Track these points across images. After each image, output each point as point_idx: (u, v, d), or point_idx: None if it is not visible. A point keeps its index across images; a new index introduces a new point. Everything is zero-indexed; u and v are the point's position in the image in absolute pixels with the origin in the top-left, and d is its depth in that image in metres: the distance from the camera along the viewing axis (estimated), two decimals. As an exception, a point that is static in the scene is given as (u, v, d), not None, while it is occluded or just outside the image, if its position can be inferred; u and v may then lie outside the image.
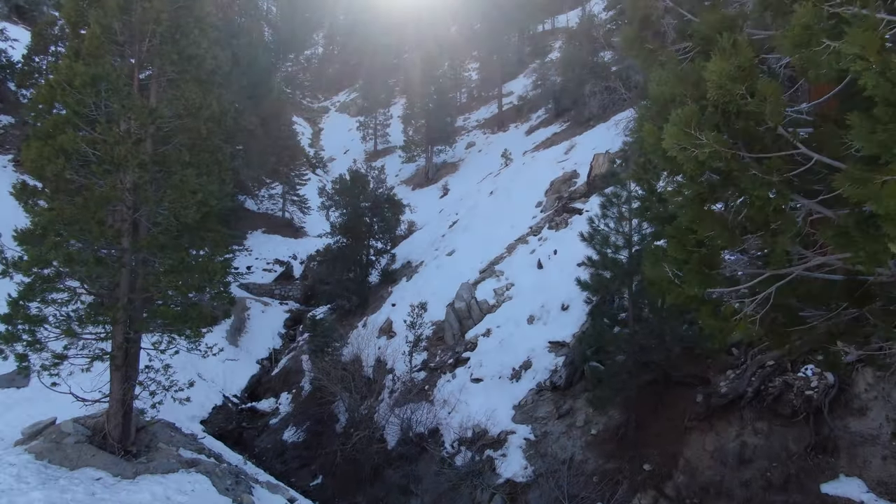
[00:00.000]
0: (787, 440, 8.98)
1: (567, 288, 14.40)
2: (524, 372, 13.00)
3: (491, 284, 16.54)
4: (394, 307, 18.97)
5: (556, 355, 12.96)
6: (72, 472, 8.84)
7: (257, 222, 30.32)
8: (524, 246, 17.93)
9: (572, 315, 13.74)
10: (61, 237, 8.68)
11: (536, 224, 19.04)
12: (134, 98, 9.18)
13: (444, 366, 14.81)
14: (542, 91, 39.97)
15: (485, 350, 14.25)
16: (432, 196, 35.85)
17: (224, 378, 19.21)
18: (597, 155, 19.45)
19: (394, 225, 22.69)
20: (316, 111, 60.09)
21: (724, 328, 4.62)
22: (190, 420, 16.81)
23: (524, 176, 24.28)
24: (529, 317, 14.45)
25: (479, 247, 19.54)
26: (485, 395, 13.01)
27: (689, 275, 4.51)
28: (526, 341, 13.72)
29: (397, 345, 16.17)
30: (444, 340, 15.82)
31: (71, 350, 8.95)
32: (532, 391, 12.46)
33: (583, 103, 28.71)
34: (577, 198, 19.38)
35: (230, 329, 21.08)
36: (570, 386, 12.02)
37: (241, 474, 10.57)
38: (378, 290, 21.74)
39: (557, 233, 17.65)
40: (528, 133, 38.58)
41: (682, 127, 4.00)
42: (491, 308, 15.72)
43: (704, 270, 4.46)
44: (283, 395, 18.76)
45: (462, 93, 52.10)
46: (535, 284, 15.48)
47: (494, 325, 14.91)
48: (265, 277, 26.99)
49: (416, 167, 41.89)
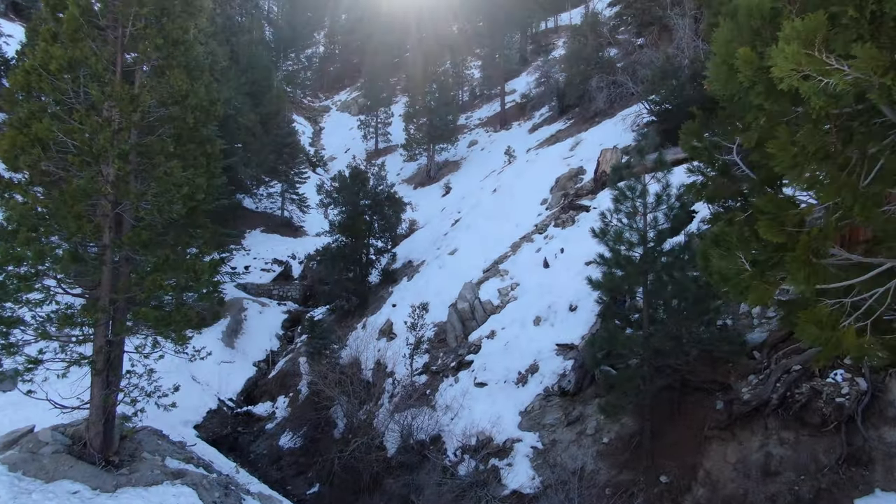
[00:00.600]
0: (816, 451, 8.32)
1: (575, 287, 13.78)
2: (531, 376, 12.37)
3: (495, 284, 15.91)
4: (394, 308, 18.36)
5: (564, 358, 12.32)
6: (47, 484, 8.24)
7: (256, 221, 29.75)
8: (529, 244, 17.30)
9: (581, 316, 13.10)
10: (36, 233, 8.09)
11: (542, 222, 18.40)
12: (115, 84, 8.59)
13: (446, 369, 14.18)
14: (546, 88, 39.36)
15: (489, 353, 13.62)
16: (434, 195, 35.26)
17: (219, 381, 18.61)
18: (604, 150, 18.83)
19: (394, 223, 22.07)
20: (317, 110, 59.58)
21: (832, 340, 3.46)
22: (183, 425, 16.21)
23: (528, 173, 23.65)
24: (536, 318, 13.81)
25: (482, 245, 18.92)
26: (489, 400, 12.37)
27: (794, 266, 3.33)
28: (532, 343, 13.09)
29: (397, 347, 15.55)
30: (447, 342, 15.20)
31: (47, 354, 8.34)
32: (539, 396, 11.82)
33: (588, 99, 28.07)
34: (583, 195, 18.75)
35: (226, 330, 20.49)
36: (580, 391, 11.38)
37: (230, 485, 9.96)
38: (378, 290, 21.13)
39: (564, 231, 17.02)
40: (531, 131, 38.01)
41: (803, 46, 2.84)
42: (495, 309, 15.09)
43: (812, 260, 3.31)
44: (279, 399, 18.16)
45: (464, 91, 51.57)
46: (542, 284, 14.84)
47: (499, 327, 14.28)
48: (263, 277, 26.41)
49: (417, 166, 41.35)
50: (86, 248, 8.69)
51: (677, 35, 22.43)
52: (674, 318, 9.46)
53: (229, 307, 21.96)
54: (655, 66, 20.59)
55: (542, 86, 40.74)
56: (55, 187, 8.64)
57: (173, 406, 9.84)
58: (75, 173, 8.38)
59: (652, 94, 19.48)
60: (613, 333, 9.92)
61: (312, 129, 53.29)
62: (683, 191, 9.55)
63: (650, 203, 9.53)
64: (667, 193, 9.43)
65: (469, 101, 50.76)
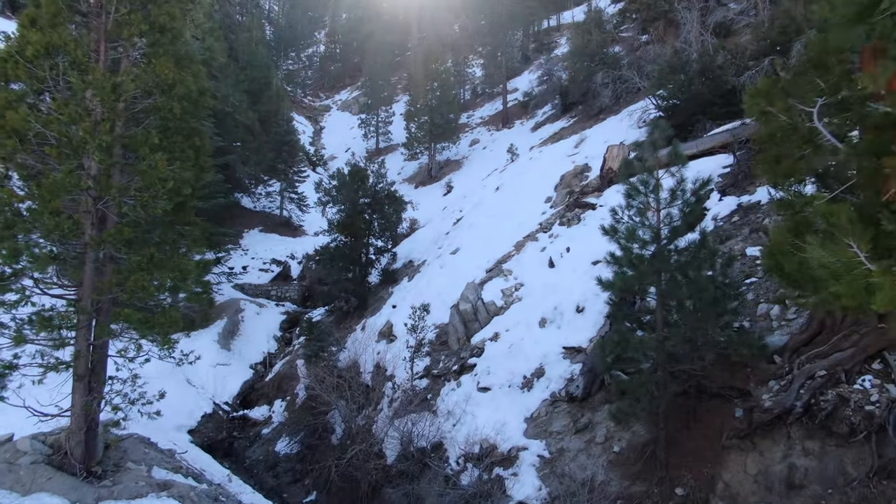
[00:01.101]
0: (843, 463, 7.78)
1: (582, 288, 13.26)
2: (536, 380, 11.83)
3: (499, 284, 15.37)
4: (394, 309, 17.83)
5: (571, 362, 11.78)
6: (24, 497, 7.74)
7: (254, 221, 29.26)
8: (534, 243, 16.76)
9: (588, 318, 12.56)
10: (11, 229, 7.59)
11: (546, 220, 17.87)
12: (96, 72, 8.08)
13: (448, 373, 13.65)
14: (549, 86, 38.87)
15: (493, 356, 13.09)
16: (435, 194, 34.76)
17: (215, 384, 18.12)
18: (611, 147, 18.29)
19: (395, 222, 21.54)
20: (317, 109, 59.13)
21: None
22: (177, 430, 15.74)
23: (532, 171, 23.13)
24: (541, 319, 13.28)
25: (485, 245, 18.40)
26: (493, 405, 11.84)
27: None
28: (538, 346, 12.55)
29: (398, 349, 15.03)
30: (448, 345, 14.66)
31: (23, 358, 7.84)
32: (546, 402, 11.28)
33: (593, 95, 27.55)
34: (589, 192, 18.22)
35: (222, 332, 20.00)
36: (589, 397, 10.84)
37: (220, 496, 9.43)
38: (378, 290, 20.60)
39: (569, 229, 16.48)
40: (533, 129, 37.56)
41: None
42: (499, 310, 14.56)
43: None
44: (276, 403, 17.66)
45: (465, 89, 51.08)
46: (547, 284, 14.31)
47: (503, 329, 13.75)
48: (261, 278, 25.92)
49: (418, 165, 40.86)
50: (67, 247, 8.18)
51: (684, 29, 21.89)
52: (689, 319, 8.92)
53: (226, 308, 21.47)
54: (663, 61, 20.05)
55: (545, 84, 40.27)
56: (33, 181, 8.13)
57: (157, 415, 9.33)
58: (53, 166, 7.88)
59: (660, 88, 18.94)
60: (625, 336, 9.38)
61: (313, 128, 52.84)
62: (699, 185, 9.07)
63: (664, 199, 9.00)
64: (682, 188, 8.90)
65: (471, 100, 50.31)
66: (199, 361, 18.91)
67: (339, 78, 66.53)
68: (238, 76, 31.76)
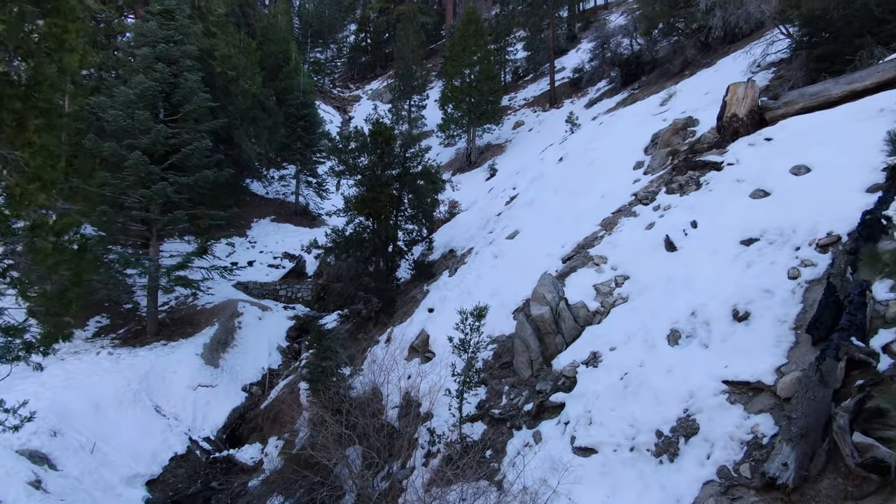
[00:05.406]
0: None
1: (735, 281, 8.13)
2: (684, 442, 6.70)
3: (588, 278, 10.30)
4: (431, 314, 12.99)
5: (746, 410, 6.61)
6: None
7: (266, 209, 25.03)
8: (631, 220, 11.63)
9: (760, 331, 7.36)
10: None
11: (645, 189, 12.68)
12: None
13: (517, 415, 8.66)
14: (606, 58, 33.74)
15: (593, 391, 8.03)
16: (477, 179, 29.95)
17: (193, 413, 13.66)
18: (733, 86, 12.96)
19: (431, 203, 16.69)
20: (347, 100, 55.42)
21: None
22: (128, 483, 11.27)
23: (606, 136, 17.94)
24: (671, 332, 8.15)
25: (555, 225, 13.37)
26: (606, 484, 6.78)
27: None
28: (673, 379, 7.44)
29: (437, 375, 10.12)
30: (515, 369, 9.67)
31: None
32: (712, 487, 6.14)
33: (675, 50, 22.10)
34: (703, 150, 12.94)
35: (210, 343, 15.56)
36: (807, 482, 5.65)
37: None
38: (409, 289, 15.76)
39: (685, 198, 11.28)
40: (587, 106, 32.67)
41: None
42: (592, 316, 9.48)
43: None
44: (271, 441, 13.03)
45: (507, 71, 46.18)
46: (669, 277, 9.18)
47: (604, 346, 8.68)
48: (271, 275, 21.54)
49: (455, 151, 36.28)
50: None
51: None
52: None
53: (218, 312, 17.08)
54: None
55: (597, 59, 35.27)
56: None
57: None
58: None
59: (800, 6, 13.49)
60: None
61: (342, 118, 49.11)
62: None
63: None
64: None
65: (512, 83, 45.48)
66: (175, 382, 14.44)
67: (370, 68, 63.01)
68: (253, 51, 27.77)
